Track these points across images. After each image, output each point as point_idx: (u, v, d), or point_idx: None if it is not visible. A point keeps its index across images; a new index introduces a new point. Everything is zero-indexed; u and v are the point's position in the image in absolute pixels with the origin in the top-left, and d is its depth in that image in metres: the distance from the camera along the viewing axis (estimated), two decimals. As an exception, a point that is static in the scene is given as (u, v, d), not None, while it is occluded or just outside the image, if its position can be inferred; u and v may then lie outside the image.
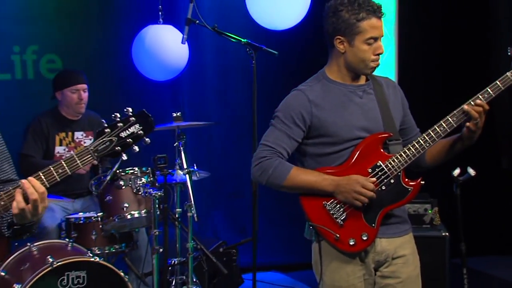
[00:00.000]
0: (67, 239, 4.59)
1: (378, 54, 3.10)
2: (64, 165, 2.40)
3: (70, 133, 5.34)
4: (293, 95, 3.21)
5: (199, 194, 4.96)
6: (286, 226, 6.76)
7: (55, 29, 6.16)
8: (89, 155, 2.42)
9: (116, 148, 2.45)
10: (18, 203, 2.32)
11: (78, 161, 2.41)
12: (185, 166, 4.83)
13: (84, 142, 5.35)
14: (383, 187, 3.08)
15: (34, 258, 4.27)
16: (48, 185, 2.38)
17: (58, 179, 2.40)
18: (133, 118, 2.46)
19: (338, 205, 3.09)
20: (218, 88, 6.81)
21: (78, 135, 5.37)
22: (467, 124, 3.05)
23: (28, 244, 4.42)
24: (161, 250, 4.58)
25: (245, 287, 5.85)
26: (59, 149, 5.28)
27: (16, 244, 4.58)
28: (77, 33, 6.21)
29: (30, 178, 2.33)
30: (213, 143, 6.70)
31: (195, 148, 6.03)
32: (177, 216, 4.93)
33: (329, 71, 3.22)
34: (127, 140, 2.45)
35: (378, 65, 3.14)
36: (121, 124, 2.45)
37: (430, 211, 4.91)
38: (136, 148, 2.49)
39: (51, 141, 5.29)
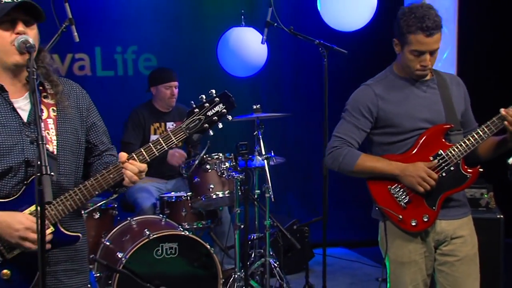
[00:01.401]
0: (161, 215, 4.69)
1: (424, 66, 3.03)
2: (162, 142, 2.46)
3: (162, 124, 5.44)
4: (361, 90, 3.20)
5: (275, 178, 4.96)
6: (353, 207, 6.70)
7: (151, 31, 6.28)
8: (182, 132, 2.48)
9: (204, 125, 2.49)
10: (130, 177, 2.40)
11: (173, 138, 2.47)
12: (263, 153, 4.82)
13: (175, 132, 5.42)
14: (444, 174, 3.04)
15: (133, 231, 4.40)
16: (149, 160, 2.45)
17: (157, 154, 2.46)
18: (217, 99, 2.51)
19: (402, 190, 3.07)
20: (293, 83, 6.80)
21: (169, 125, 5.45)
22: (508, 126, 2.98)
23: (129, 218, 4.56)
24: (242, 226, 4.63)
25: (316, 260, 5.87)
26: (153, 138, 5.35)
27: (119, 218, 4.74)
28: (170, 35, 6.30)
29: (131, 160, 2.41)
30: (288, 133, 6.69)
31: (272, 136, 6.03)
32: (256, 196, 4.95)
33: (396, 67, 3.19)
34: (213, 118, 2.49)
35: (423, 75, 3.09)
36: (208, 104, 2.50)
37: (486, 195, 4.78)
38: (220, 125, 2.53)
39: (147, 130, 5.39)
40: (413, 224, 3.06)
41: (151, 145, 2.45)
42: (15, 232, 2.25)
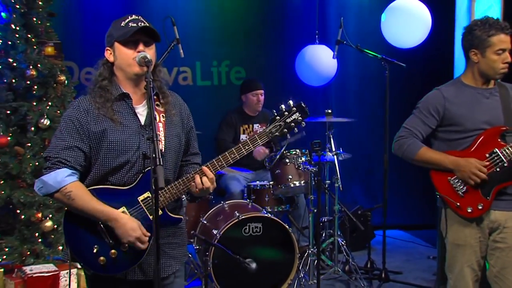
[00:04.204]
0: (247, 200, 4.71)
1: (506, 63, 2.98)
2: (249, 142, 2.48)
3: (250, 125, 5.44)
4: (432, 93, 3.15)
5: (343, 170, 4.91)
6: (408, 196, 6.57)
7: (241, 48, 6.31)
8: (265, 136, 2.49)
9: (284, 130, 2.50)
10: (197, 185, 2.45)
11: (259, 140, 2.49)
12: (333, 149, 4.79)
13: (260, 132, 5.43)
14: (497, 169, 2.95)
15: (225, 212, 4.44)
16: (239, 157, 2.49)
17: (245, 153, 2.49)
18: (294, 108, 2.51)
19: (459, 181, 2.99)
20: (358, 92, 6.68)
21: (256, 126, 5.46)
22: None
23: (222, 202, 4.60)
24: (315, 210, 4.60)
25: (376, 240, 5.77)
26: (242, 137, 5.41)
27: (213, 202, 4.79)
28: (256, 52, 6.32)
29: (204, 168, 2.46)
30: (354, 133, 6.58)
31: (340, 136, 5.97)
32: (326, 186, 4.92)
33: (464, 77, 3.13)
34: (291, 124, 2.50)
35: (505, 72, 3.01)
36: (287, 113, 2.50)
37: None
38: (296, 130, 2.53)
39: (238, 130, 5.40)
40: (469, 210, 2.98)
41: (241, 145, 2.49)
42: (128, 237, 2.35)
